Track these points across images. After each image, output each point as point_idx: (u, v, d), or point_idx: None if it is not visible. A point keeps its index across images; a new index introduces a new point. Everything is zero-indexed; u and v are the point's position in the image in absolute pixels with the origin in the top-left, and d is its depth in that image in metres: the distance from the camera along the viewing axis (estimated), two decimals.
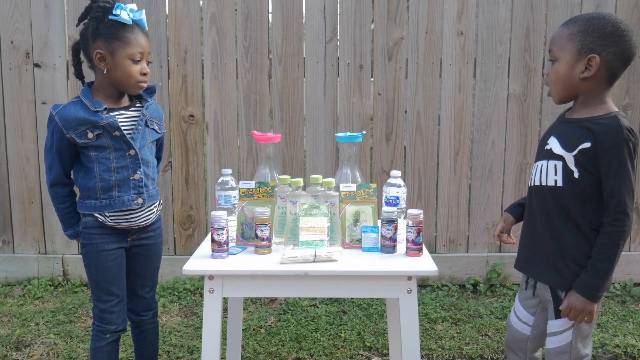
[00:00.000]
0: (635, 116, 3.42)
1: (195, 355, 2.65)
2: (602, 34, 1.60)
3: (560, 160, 1.65)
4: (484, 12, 3.34)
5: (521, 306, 1.88)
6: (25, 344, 2.74)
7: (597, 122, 1.60)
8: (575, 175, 1.62)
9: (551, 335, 1.74)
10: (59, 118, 1.85)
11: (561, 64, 1.66)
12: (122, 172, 1.91)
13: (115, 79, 1.90)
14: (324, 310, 3.11)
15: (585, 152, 1.60)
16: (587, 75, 1.62)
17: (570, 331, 1.70)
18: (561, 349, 1.71)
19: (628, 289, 3.41)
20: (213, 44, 3.34)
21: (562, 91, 1.69)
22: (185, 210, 3.46)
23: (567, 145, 1.64)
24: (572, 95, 1.69)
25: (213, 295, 1.77)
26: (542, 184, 1.70)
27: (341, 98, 3.40)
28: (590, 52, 1.61)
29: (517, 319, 1.90)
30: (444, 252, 3.51)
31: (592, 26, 1.61)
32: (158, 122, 2.04)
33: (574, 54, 1.63)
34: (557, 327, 1.71)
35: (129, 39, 1.86)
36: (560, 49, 1.66)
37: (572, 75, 1.64)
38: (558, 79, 1.67)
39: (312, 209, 1.87)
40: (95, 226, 1.94)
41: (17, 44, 3.32)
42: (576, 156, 1.61)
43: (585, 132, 1.61)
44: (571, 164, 1.63)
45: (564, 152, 1.64)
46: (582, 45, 1.61)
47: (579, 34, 1.62)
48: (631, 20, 3.33)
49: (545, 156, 1.70)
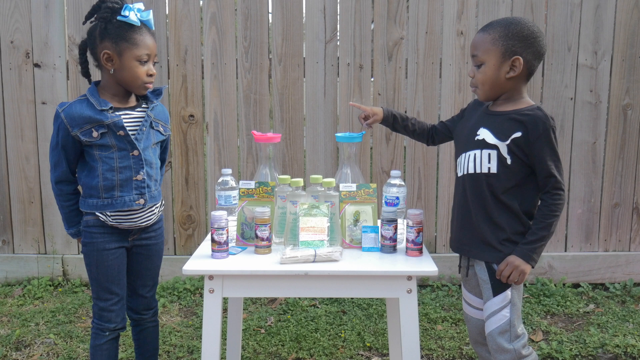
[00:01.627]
0: (636, 116, 3.42)
1: (195, 355, 2.65)
2: (521, 37, 1.77)
3: (495, 149, 1.80)
4: (484, 12, 3.34)
5: (468, 293, 1.98)
6: (25, 344, 2.74)
7: (525, 113, 1.78)
8: (508, 162, 1.78)
9: (491, 316, 1.83)
10: (64, 115, 1.86)
11: (488, 67, 1.80)
12: (125, 172, 1.91)
13: (122, 79, 1.91)
14: (324, 310, 3.11)
15: (516, 141, 1.77)
16: (512, 75, 1.79)
17: (507, 308, 1.81)
18: (502, 328, 1.81)
19: (628, 289, 3.41)
20: (213, 44, 3.34)
21: (490, 91, 1.84)
22: (185, 210, 3.46)
23: (500, 136, 1.79)
24: (499, 93, 1.85)
25: (213, 295, 1.77)
26: (477, 171, 1.83)
27: (341, 98, 3.40)
28: (513, 54, 1.78)
29: (469, 307, 1.98)
30: (444, 252, 3.51)
31: (511, 30, 1.78)
32: (163, 124, 2.05)
33: (499, 57, 1.79)
34: (496, 305, 1.82)
35: (137, 40, 1.86)
36: (484, 53, 1.81)
37: (498, 76, 1.80)
38: (486, 80, 1.82)
39: (312, 209, 1.87)
40: (96, 225, 1.94)
41: (17, 44, 3.32)
42: (509, 145, 1.78)
43: (515, 123, 1.78)
44: (504, 152, 1.78)
45: (498, 142, 1.79)
46: (505, 49, 1.78)
47: (501, 38, 1.78)
48: (631, 21, 3.33)
49: (478, 146, 1.83)
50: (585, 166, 3.45)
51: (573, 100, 3.40)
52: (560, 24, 3.34)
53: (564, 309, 3.14)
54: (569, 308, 3.16)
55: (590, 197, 3.47)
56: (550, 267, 3.48)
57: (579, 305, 3.19)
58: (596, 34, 3.35)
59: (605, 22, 3.34)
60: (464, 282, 2.00)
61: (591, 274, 3.49)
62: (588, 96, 3.40)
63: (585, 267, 3.47)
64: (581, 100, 3.40)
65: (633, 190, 3.48)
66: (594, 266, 3.48)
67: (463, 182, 1.90)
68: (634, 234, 3.52)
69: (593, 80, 3.38)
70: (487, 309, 1.84)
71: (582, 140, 3.43)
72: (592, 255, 3.49)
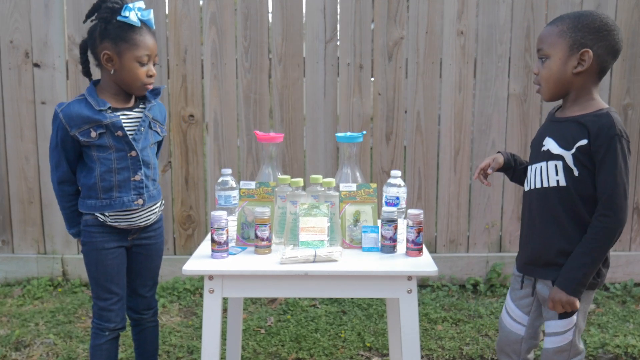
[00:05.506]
0: (636, 116, 3.41)
1: (195, 355, 2.65)
2: (592, 29, 1.62)
3: (560, 159, 1.65)
4: (484, 12, 3.34)
5: (515, 306, 1.87)
6: (25, 344, 2.74)
7: (591, 118, 1.62)
8: (575, 174, 1.63)
9: (552, 335, 1.73)
10: (63, 116, 1.86)
11: (553, 61, 1.66)
12: (123, 172, 1.91)
13: (122, 80, 1.90)
14: (324, 310, 3.11)
15: (582, 149, 1.61)
16: (580, 70, 1.64)
17: (572, 330, 1.70)
18: (561, 348, 1.72)
19: (628, 289, 3.41)
20: (213, 43, 3.33)
21: (555, 88, 1.69)
22: (185, 210, 3.46)
23: (565, 144, 1.65)
24: (565, 91, 1.70)
25: (213, 296, 1.77)
26: (544, 185, 1.69)
27: (341, 98, 3.40)
28: (582, 47, 1.62)
29: (510, 319, 1.88)
30: (444, 252, 3.51)
31: (581, 22, 1.63)
32: (160, 125, 2.04)
33: (565, 50, 1.64)
34: (560, 327, 1.71)
35: (137, 40, 1.86)
36: (550, 47, 1.67)
37: (565, 71, 1.65)
38: (551, 76, 1.68)
39: (312, 209, 1.87)
40: (95, 224, 1.94)
41: (16, 43, 3.31)
42: (574, 154, 1.63)
43: (580, 128, 1.62)
44: (570, 162, 1.64)
45: (563, 151, 1.65)
46: (573, 41, 1.63)
47: (569, 30, 1.64)
48: (631, 20, 3.33)
49: (544, 158, 1.70)
50: None
51: None
52: None
53: None
54: None
55: None
56: None
57: None
58: None
59: None
60: (513, 294, 1.88)
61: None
62: None
63: None
64: None
65: (633, 191, 3.47)
66: None
67: (530, 197, 1.76)
68: (634, 234, 3.52)
69: None
70: (550, 327, 1.74)
71: None
72: None
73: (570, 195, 1.65)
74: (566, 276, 1.64)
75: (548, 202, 1.69)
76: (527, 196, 1.79)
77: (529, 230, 1.78)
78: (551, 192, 1.68)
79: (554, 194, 1.68)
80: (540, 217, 1.72)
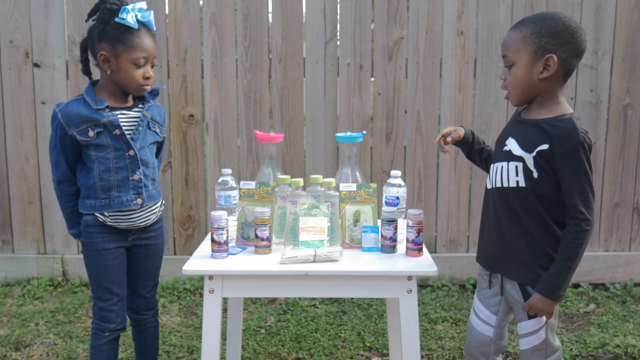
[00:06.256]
0: (636, 116, 3.41)
1: (195, 355, 2.65)
2: (555, 33, 1.62)
3: (521, 161, 1.67)
4: (484, 12, 3.34)
5: (482, 306, 1.85)
6: (25, 344, 2.74)
7: (553, 124, 1.63)
8: (535, 176, 1.65)
9: (525, 336, 1.74)
10: (61, 115, 1.86)
11: (519, 68, 1.67)
12: (121, 172, 1.91)
13: (118, 81, 1.91)
14: (324, 310, 3.11)
15: (542, 153, 1.63)
16: (546, 75, 1.64)
17: (543, 329, 1.71)
18: (536, 347, 1.73)
19: (628, 289, 3.41)
20: (213, 43, 3.33)
21: (522, 94, 1.70)
22: (185, 210, 3.46)
23: (526, 146, 1.66)
24: (532, 96, 1.71)
25: (213, 296, 1.77)
26: (504, 185, 1.71)
27: (341, 98, 3.40)
28: (546, 52, 1.63)
29: (478, 320, 1.86)
30: (444, 252, 3.51)
31: (544, 26, 1.63)
32: (160, 126, 2.05)
33: (530, 57, 1.64)
34: (532, 327, 1.72)
35: (134, 43, 1.86)
36: (515, 53, 1.67)
37: (531, 78, 1.66)
38: (517, 83, 1.68)
39: (312, 209, 1.87)
40: (95, 225, 1.94)
41: (16, 43, 3.31)
42: (535, 157, 1.64)
43: (542, 133, 1.64)
44: (530, 164, 1.65)
45: (524, 153, 1.66)
46: (537, 47, 1.63)
47: (533, 35, 1.64)
48: (631, 20, 3.33)
49: (506, 158, 1.72)
50: None
51: (573, 100, 3.39)
52: None
53: (565, 309, 3.14)
54: (570, 308, 3.15)
55: None
56: None
57: (579, 305, 3.19)
58: (597, 33, 3.35)
59: (606, 21, 3.34)
60: (480, 294, 1.87)
61: (591, 274, 3.48)
62: (588, 96, 3.40)
63: (586, 267, 3.47)
64: (581, 100, 3.40)
65: (633, 190, 3.48)
66: (594, 266, 3.48)
67: (493, 195, 1.77)
68: (634, 234, 3.52)
69: (593, 80, 3.38)
70: (522, 328, 1.75)
71: None
72: (593, 255, 3.49)
73: (529, 196, 1.67)
74: (550, 282, 1.64)
75: (509, 202, 1.71)
76: (489, 193, 1.80)
77: (496, 226, 1.78)
78: (511, 192, 1.70)
79: (513, 194, 1.69)
80: (504, 216, 1.73)
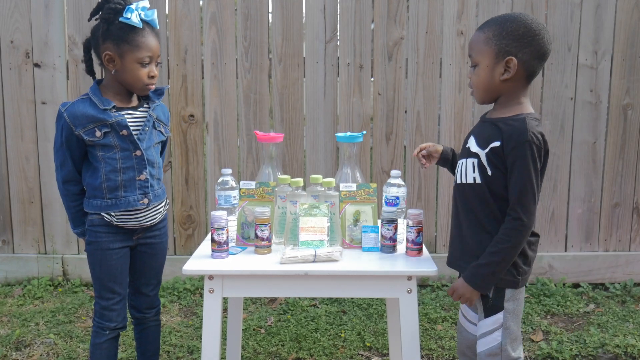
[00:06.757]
0: (636, 116, 3.41)
1: (195, 355, 2.65)
2: (516, 36, 1.65)
3: (477, 157, 1.69)
4: (484, 12, 3.34)
5: (466, 306, 1.86)
6: (25, 344, 2.74)
7: (507, 122, 1.66)
8: (489, 173, 1.67)
9: (482, 337, 1.73)
10: (67, 115, 1.86)
11: (481, 68, 1.69)
12: (128, 172, 1.91)
13: (123, 80, 1.91)
14: (324, 310, 3.11)
15: (495, 150, 1.65)
16: (506, 77, 1.67)
17: (499, 331, 1.69)
18: (492, 351, 1.70)
19: (628, 289, 3.41)
20: (213, 43, 3.34)
21: (484, 94, 1.73)
22: (185, 210, 3.46)
23: (481, 143, 1.69)
24: (495, 96, 1.73)
25: (213, 295, 1.77)
26: (463, 181, 1.73)
27: (341, 98, 3.40)
28: (507, 54, 1.65)
29: (465, 319, 1.87)
30: (444, 252, 3.51)
31: (505, 29, 1.66)
32: (164, 125, 2.05)
33: (492, 58, 1.67)
34: (487, 327, 1.71)
35: (138, 42, 1.86)
36: (478, 54, 1.70)
37: (492, 78, 1.68)
38: (480, 83, 1.71)
39: (312, 209, 1.87)
40: (101, 224, 1.94)
41: (17, 43, 3.32)
42: (488, 154, 1.66)
43: (495, 130, 1.66)
44: (484, 161, 1.67)
45: (479, 150, 1.69)
46: (498, 49, 1.66)
47: (494, 37, 1.66)
48: (631, 20, 3.33)
49: (465, 155, 1.74)
50: (585, 166, 3.45)
51: (573, 100, 3.40)
52: (560, 23, 3.34)
53: (564, 309, 3.14)
54: (569, 308, 3.15)
55: (590, 197, 3.47)
56: (550, 267, 3.48)
57: (579, 305, 3.19)
58: (596, 33, 3.35)
59: (606, 21, 3.34)
60: None
61: (591, 274, 3.48)
62: (588, 96, 3.40)
63: (586, 267, 3.47)
64: (581, 100, 3.40)
65: (633, 190, 3.48)
66: (594, 266, 3.48)
67: (455, 192, 1.81)
68: (634, 234, 3.52)
69: (593, 80, 3.38)
70: (480, 328, 1.74)
71: (582, 140, 3.42)
72: (592, 255, 3.49)
73: (484, 192, 1.68)
74: (473, 271, 1.67)
75: (467, 198, 1.73)
76: (454, 190, 1.83)
77: (455, 222, 1.79)
78: (469, 188, 1.72)
79: (470, 191, 1.71)
80: (463, 213, 1.75)
